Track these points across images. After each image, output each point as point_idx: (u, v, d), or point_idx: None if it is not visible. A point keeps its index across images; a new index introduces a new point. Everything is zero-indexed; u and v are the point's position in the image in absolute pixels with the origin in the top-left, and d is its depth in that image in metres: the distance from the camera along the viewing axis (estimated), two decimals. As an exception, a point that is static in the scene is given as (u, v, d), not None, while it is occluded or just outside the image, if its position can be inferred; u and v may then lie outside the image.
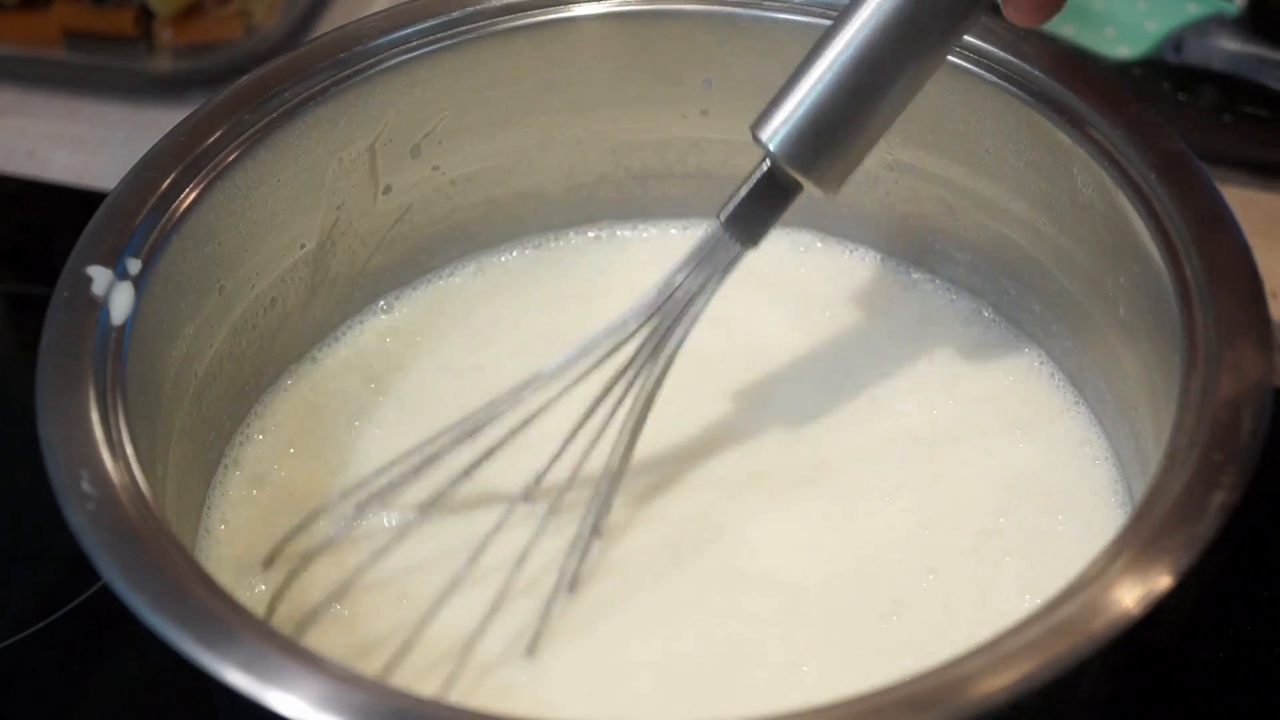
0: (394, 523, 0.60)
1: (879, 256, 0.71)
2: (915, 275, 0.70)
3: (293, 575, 0.57)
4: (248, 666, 0.45)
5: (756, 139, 0.56)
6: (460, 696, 0.54)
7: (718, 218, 0.57)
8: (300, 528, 0.58)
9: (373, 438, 0.65)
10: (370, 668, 0.53)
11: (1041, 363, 0.66)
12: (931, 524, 0.60)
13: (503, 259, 0.72)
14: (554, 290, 0.70)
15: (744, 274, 0.64)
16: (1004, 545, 0.59)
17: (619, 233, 0.73)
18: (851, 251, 0.71)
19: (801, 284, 0.70)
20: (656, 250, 0.72)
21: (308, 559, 0.57)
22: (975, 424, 0.64)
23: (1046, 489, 0.61)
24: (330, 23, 0.94)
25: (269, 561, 0.59)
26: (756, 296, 0.69)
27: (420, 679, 0.54)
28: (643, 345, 0.58)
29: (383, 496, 0.58)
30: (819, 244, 0.71)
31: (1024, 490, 0.61)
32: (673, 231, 0.72)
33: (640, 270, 0.69)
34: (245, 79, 0.63)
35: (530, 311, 0.70)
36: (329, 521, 0.59)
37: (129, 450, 0.51)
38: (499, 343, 0.68)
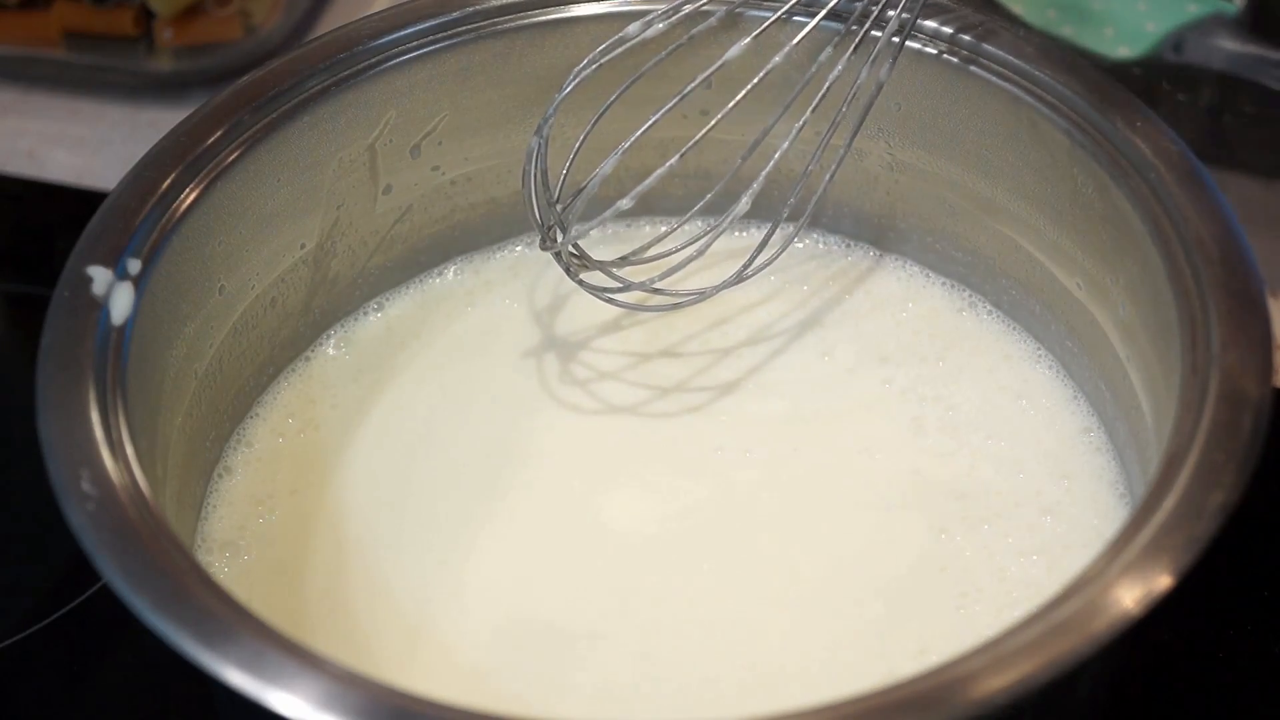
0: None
1: (878, 254, 0.71)
2: (915, 273, 0.70)
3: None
4: (248, 666, 0.45)
5: None
6: (460, 695, 0.54)
7: None
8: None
9: (371, 436, 0.65)
10: (370, 668, 0.53)
11: (1041, 355, 0.66)
12: (936, 509, 0.60)
13: (499, 256, 0.72)
14: (552, 288, 0.70)
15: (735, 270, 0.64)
16: (1007, 529, 0.59)
17: (618, 231, 0.73)
18: (850, 249, 0.71)
19: (801, 281, 0.70)
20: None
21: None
22: (978, 414, 0.64)
23: (1050, 473, 0.61)
24: (330, 23, 0.94)
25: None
26: (756, 293, 0.69)
27: (420, 678, 0.54)
28: None
29: None
30: (818, 241, 0.71)
31: (1027, 474, 0.61)
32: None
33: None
34: (245, 79, 0.63)
35: (527, 309, 0.70)
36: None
37: (129, 450, 0.51)
38: (497, 341, 0.68)
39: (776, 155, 0.61)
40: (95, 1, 0.88)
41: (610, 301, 0.66)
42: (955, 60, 0.64)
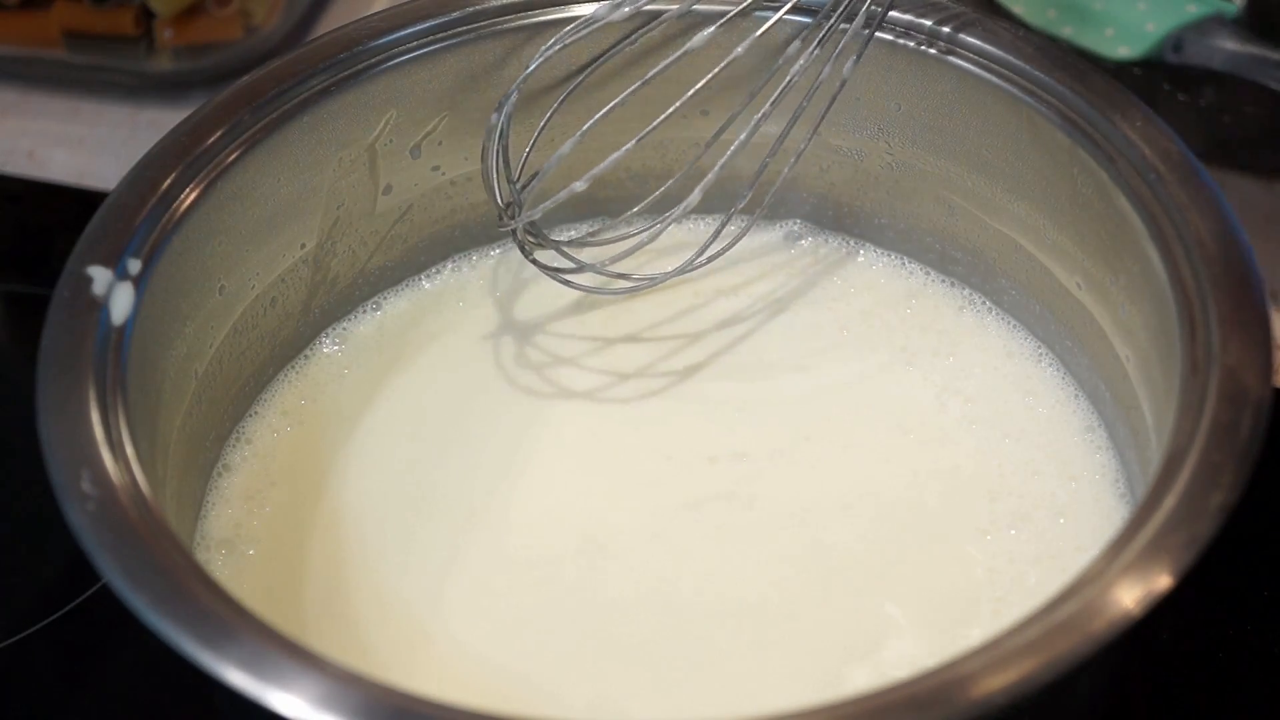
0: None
1: (877, 252, 0.71)
2: (914, 270, 0.70)
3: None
4: (248, 666, 0.45)
5: None
6: (459, 693, 0.54)
7: None
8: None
9: (370, 434, 0.65)
10: (370, 665, 0.53)
11: (1042, 354, 0.66)
12: (942, 503, 0.60)
13: (497, 255, 0.72)
14: (550, 286, 0.70)
15: (742, 268, 0.64)
16: (1013, 533, 0.59)
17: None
18: (850, 247, 0.71)
19: (800, 279, 0.70)
20: (651, 247, 0.72)
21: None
22: (980, 410, 0.64)
23: (1059, 473, 0.61)
24: (330, 23, 0.94)
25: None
26: (754, 289, 0.69)
27: (420, 678, 0.54)
28: None
29: None
30: (818, 239, 0.71)
31: (1042, 475, 0.61)
32: (670, 229, 0.73)
33: (636, 265, 0.70)
34: (245, 79, 0.63)
35: (526, 307, 0.70)
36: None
37: (129, 450, 0.51)
38: (496, 339, 0.68)
39: (733, 148, 0.62)
40: (95, 1, 0.88)
41: (564, 283, 0.67)
42: (955, 60, 0.64)
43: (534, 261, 0.66)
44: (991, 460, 0.62)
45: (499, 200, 0.64)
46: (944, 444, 0.63)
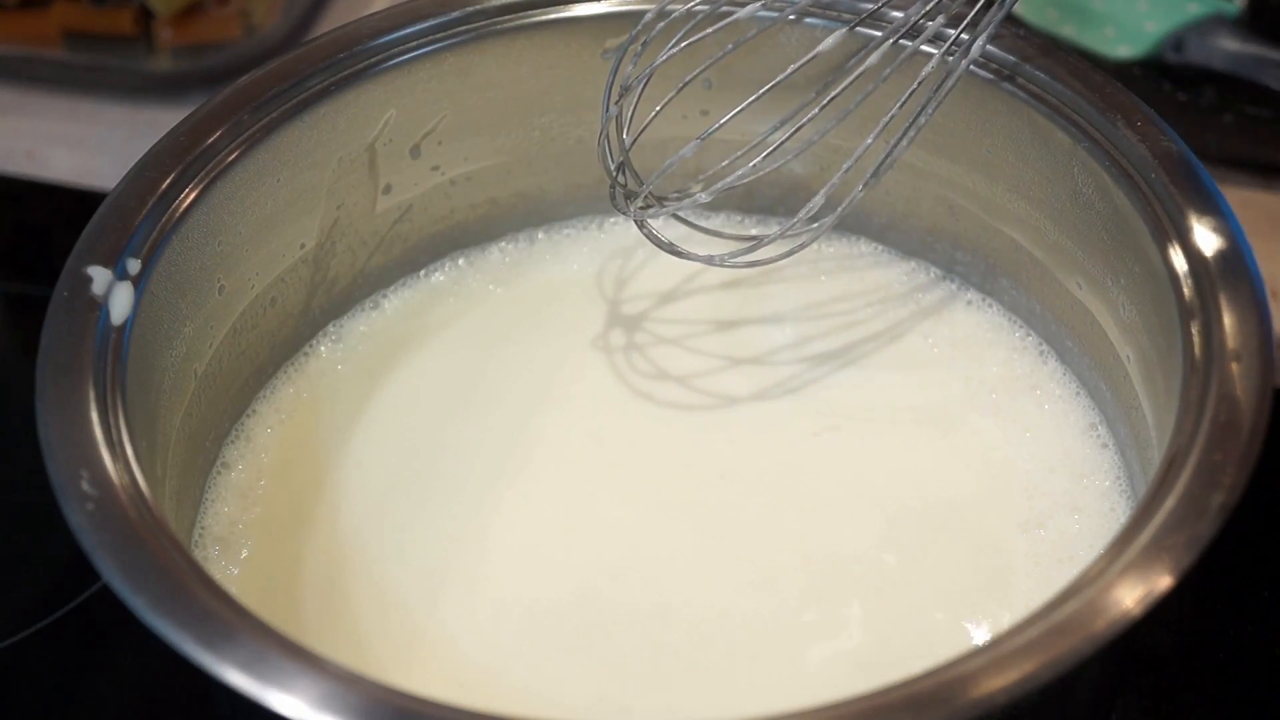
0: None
1: (880, 251, 0.71)
2: (914, 268, 0.70)
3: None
4: (247, 666, 0.45)
5: None
6: (460, 694, 0.54)
7: None
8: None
9: (369, 433, 0.65)
10: (369, 663, 0.53)
11: (1045, 351, 0.66)
12: (949, 501, 0.60)
13: (496, 254, 0.72)
14: (549, 285, 0.70)
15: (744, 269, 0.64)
16: (1050, 532, 0.59)
17: (614, 225, 0.73)
18: (851, 247, 0.71)
19: (802, 278, 0.70)
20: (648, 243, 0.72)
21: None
22: (986, 408, 0.64)
23: (1071, 471, 0.61)
24: (330, 23, 0.94)
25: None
26: (761, 289, 0.69)
27: (419, 677, 0.54)
28: None
29: None
30: (821, 238, 0.71)
31: (1057, 473, 0.61)
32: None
33: (635, 262, 0.70)
34: (245, 79, 0.63)
35: (524, 306, 0.70)
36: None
37: (129, 450, 0.51)
38: (494, 337, 0.68)
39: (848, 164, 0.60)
40: (94, 1, 0.88)
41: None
42: (955, 60, 0.64)
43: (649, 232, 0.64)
44: (1016, 456, 0.62)
45: (611, 161, 0.62)
46: (940, 433, 0.63)
